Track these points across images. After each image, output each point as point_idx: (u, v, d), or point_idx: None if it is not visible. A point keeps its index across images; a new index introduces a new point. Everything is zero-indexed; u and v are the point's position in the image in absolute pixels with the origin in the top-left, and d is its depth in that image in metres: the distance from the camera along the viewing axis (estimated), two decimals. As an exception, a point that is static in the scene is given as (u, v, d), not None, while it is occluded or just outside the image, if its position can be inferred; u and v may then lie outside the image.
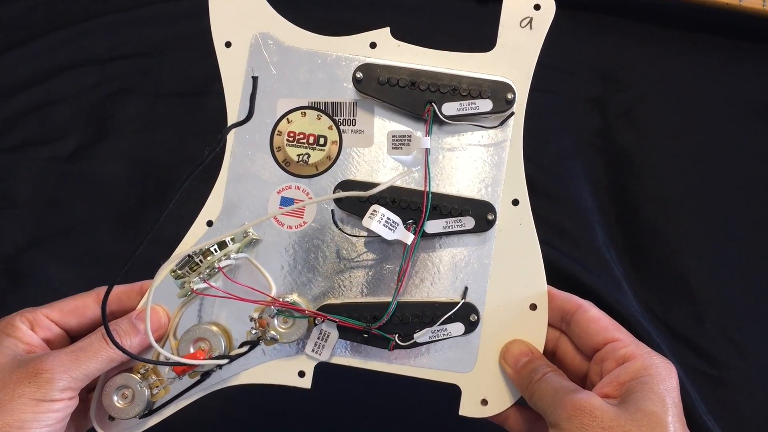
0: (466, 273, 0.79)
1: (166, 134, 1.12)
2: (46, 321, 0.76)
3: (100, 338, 0.74)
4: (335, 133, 0.81)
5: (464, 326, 0.78)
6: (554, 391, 0.70)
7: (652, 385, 0.68)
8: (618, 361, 0.72)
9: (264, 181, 0.81)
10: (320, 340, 0.78)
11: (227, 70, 0.81)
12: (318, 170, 0.81)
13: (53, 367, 0.70)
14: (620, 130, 1.11)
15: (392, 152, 0.79)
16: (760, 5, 1.06)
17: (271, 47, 0.81)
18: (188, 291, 0.78)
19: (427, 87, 0.79)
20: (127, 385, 0.77)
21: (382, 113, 0.81)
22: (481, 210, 0.79)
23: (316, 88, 0.81)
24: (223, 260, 0.78)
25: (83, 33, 1.14)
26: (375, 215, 0.75)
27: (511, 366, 0.77)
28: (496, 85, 0.79)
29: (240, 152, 0.81)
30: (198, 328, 0.79)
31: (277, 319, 0.78)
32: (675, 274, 1.06)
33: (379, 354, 0.79)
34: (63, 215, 1.09)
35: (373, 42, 0.81)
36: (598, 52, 1.13)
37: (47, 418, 0.69)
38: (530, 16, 0.80)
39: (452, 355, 0.79)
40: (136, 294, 0.80)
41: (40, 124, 1.12)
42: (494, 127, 0.80)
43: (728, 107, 1.11)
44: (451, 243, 0.80)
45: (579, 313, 0.77)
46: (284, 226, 0.80)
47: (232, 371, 0.79)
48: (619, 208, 1.09)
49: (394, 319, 0.78)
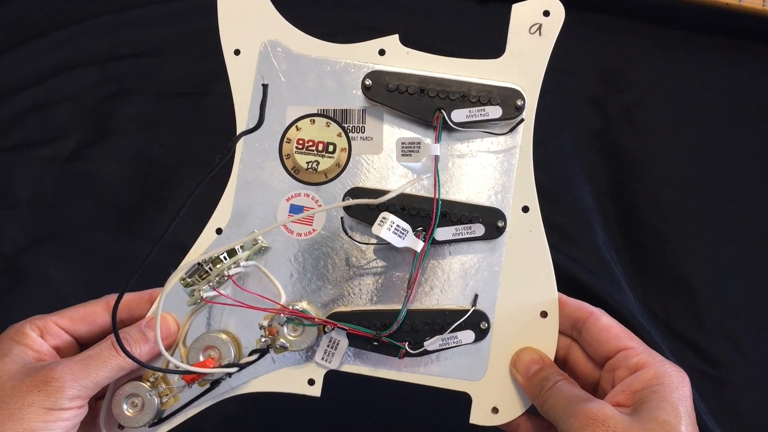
0: (476, 280, 0.79)
1: (166, 134, 1.12)
2: (56, 328, 0.75)
3: (109, 346, 0.73)
4: (344, 141, 0.80)
5: (474, 334, 0.78)
6: (566, 400, 0.70)
7: (665, 393, 0.68)
8: (630, 370, 0.72)
9: (273, 188, 0.80)
10: (330, 348, 0.78)
11: (236, 78, 0.81)
12: (327, 178, 0.80)
13: (63, 376, 0.69)
14: (620, 130, 1.11)
15: (401, 159, 0.79)
16: (760, 5, 1.06)
17: (280, 55, 0.81)
18: (198, 299, 0.78)
19: (436, 94, 0.78)
20: (137, 394, 0.77)
21: (391, 120, 0.81)
22: (490, 217, 0.79)
23: (325, 95, 0.81)
24: (232, 268, 0.78)
25: (83, 33, 1.13)
26: (384, 223, 0.75)
27: (521, 374, 0.77)
28: (506, 91, 0.79)
29: (249, 160, 0.81)
30: (207, 336, 0.79)
31: (287, 327, 0.78)
32: (675, 274, 1.06)
33: (388, 362, 0.79)
34: (63, 215, 1.09)
35: (382, 49, 0.81)
36: (598, 52, 1.14)
37: (56, 426, 0.69)
38: (539, 22, 0.80)
39: (462, 363, 0.79)
40: (145, 302, 0.80)
41: (40, 124, 1.11)
42: (504, 133, 0.80)
43: (728, 107, 1.11)
44: (461, 250, 0.80)
45: (590, 320, 0.77)
46: (293, 233, 0.80)
47: (241, 379, 0.79)
48: (619, 208, 1.09)
49: (404, 327, 0.78)
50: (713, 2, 1.08)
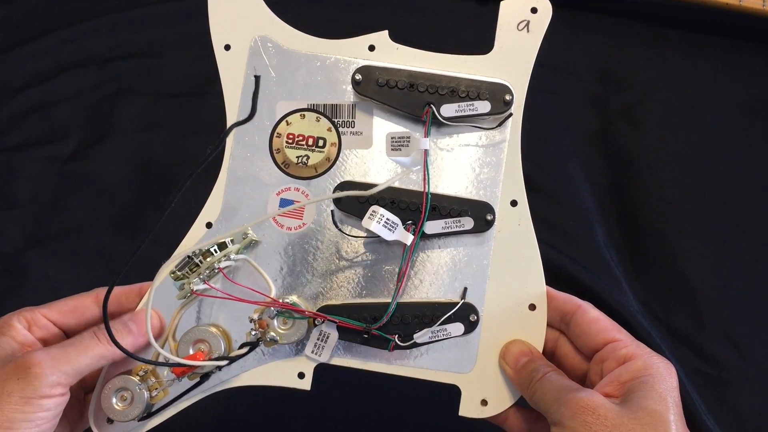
0: (466, 273, 0.79)
1: (166, 134, 1.12)
2: (44, 320, 0.75)
3: (91, 335, 0.73)
4: (334, 135, 0.81)
5: (464, 326, 0.78)
6: (556, 390, 0.70)
7: (653, 384, 0.68)
8: (619, 361, 0.72)
9: (263, 182, 0.81)
10: (320, 341, 0.78)
11: (226, 73, 0.82)
12: (317, 172, 0.81)
13: (42, 362, 0.68)
14: (620, 130, 1.11)
15: (391, 154, 0.79)
16: (760, 5, 1.06)
17: (271, 50, 0.81)
18: (188, 292, 0.78)
19: (425, 89, 0.79)
20: (126, 387, 0.77)
21: (380, 115, 0.81)
22: (479, 211, 0.79)
23: (315, 90, 0.81)
24: (222, 261, 0.78)
25: (83, 33, 1.14)
26: (374, 216, 0.75)
27: (510, 366, 0.77)
28: (494, 86, 0.79)
29: (239, 154, 0.81)
30: (197, 329, 0.79)
31: (277, 321, 0.78)
32: (675, 274, 1.06)
33: (378, 355, 0.79)
34: (63, 215, 1.09)
35: (371, 45, 0.81)
36: (598, 52, 1.13)
37: (36, 417, 0.68)
38: (527, 19, 0.80)
39: (452, 356, 0.79)
40: (135, 296, 0.80)
41: (40, 124, 1.12)
42: (492, 128, 0.80)
43: (728, 107, 1.11)
44: (451, 243, 0.80)
45: (579, 313, 0.77)
46: (283, 227, 0.80)
47: (231, 373, 0.79)
48: (619, 208, 1.09)
49: (394, 320, 0.78)
50: (713, 2, 1.07)
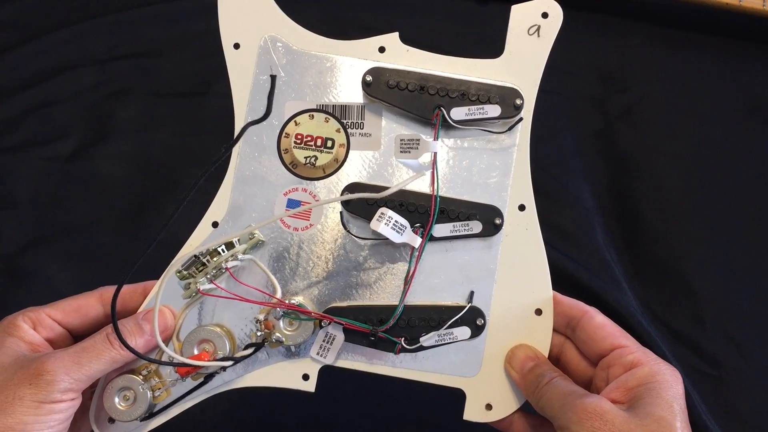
0: (473, 277, 0.79)
1: (166, 134, 1.12)
2: (49, 320, 0.75)
3: (104, 338, 0.73)
4: (343, 136, 0.81)
5: (470, 330, 0.78)
6: (563, 396, 0.70)
7: (660, 391, 0.68)
8: (625, 367, 0.72)
9: (271, 183, 0.80)
10: (326, 343, 0.78)
11: (235, 72, 0.81)
12: (325, 173, 0.80)
13: (55, 368, 0.68)
14: (620, 130, 1.11)
15: (400, 156, 0.79)
16: (760, 5, 1.07)
17: (280, 50, 0.81)
18: (194, 291, 0.78)
19: (436, 91, 0.79)
20: (129, 387, 0.77)
21: (390, 117, 0.81)
22: (488, 214, 0.79)
23: (324, 91, 0.81)
24: (229, 261, 0.78)
25: (83, 33, 1.14)
26: (383, 218, 0.75)
27: (516, 371, 0.77)
28: (505, 91, 0.79)
29: (247, 154, 0.81)
30: (202, 329, 0.78)
31: (283, 322, 0.78)
32: (675, 274, 1.06)
33: (384, 357, 0.79)
34: (63, 215, 1.09)
35: (382, 46, 0.81)
36: (598, 52, 1.14)
37: (49, 419, 0.68)
38: (538, 23, 0.80)
39: (457, 360, 0.79)
40: (139, 294, 0.80)
41: (40, 124, 1.11)
42: (502, 132, 0.80)
43: (728, 107, 1.11)
44: (458, 247, 0.80)
45: (585, 319, 0.77)
46: (290, 228, 0.80)
47: (235, 373, 0.79)
48: (619, 208, 1.09)
49: (401, 323, 0.78)
50: (713, 2, 1.08)
